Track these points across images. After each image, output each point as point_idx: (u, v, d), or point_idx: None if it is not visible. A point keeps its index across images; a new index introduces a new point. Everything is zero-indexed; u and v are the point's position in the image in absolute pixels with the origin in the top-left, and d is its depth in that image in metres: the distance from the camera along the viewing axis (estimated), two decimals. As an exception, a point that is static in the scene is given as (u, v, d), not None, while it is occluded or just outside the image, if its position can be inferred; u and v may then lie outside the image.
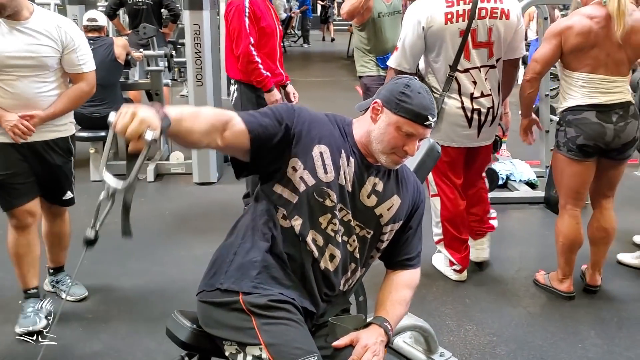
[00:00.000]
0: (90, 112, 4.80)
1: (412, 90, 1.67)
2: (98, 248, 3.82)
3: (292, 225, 1.67)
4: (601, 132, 2.89)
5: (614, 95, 2.90)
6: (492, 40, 3.01)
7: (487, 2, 2.97)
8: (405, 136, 1.67)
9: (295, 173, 1.67)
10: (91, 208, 4.69)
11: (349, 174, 1.72)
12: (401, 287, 1.85)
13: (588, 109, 2.91)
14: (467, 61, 3.02)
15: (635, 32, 2.83)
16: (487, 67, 3.07)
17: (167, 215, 4.35)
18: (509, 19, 3.01)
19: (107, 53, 4.78)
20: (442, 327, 2.91)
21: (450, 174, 3.21)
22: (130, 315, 2.98)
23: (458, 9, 2.96)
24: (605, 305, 3.14)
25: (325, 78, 10.59)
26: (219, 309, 1.67)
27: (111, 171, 5.03)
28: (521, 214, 4.46)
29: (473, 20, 2.95)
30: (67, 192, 2.99)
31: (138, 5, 6.36)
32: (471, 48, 3.00)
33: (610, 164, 3.03)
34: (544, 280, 3.31)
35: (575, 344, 2.81)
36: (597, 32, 2.83)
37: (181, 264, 3.56)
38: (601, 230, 3.14)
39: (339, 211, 1.70)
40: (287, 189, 1.68)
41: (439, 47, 3.03)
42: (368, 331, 1.69)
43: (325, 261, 1.69)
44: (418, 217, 1.89)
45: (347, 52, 13.56)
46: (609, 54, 2.85)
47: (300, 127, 1.69)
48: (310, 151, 1.68)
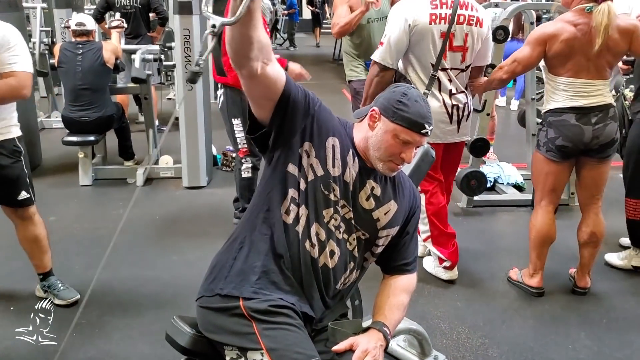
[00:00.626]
0: (79, 116, 4.79)
1: (409, 98, 1.69)
2: (89, 253, 3.83)
3: (296, 216, 1.68)
4: (580, 133, 2.98)
5: (594, 98, 2.97)
6: (467, 45, 3.13)
7: (465, 10, 3.10)
8: (402, 144, 1.70)
9: (308, 159, 1.68)
10: (81, 213, 4.74)
11: (353, 173, 1.74)
12: (399, 292, 1.87)
13: (568, 111, 3.00)
14: (445, 62, 3.14)
15: (616, 39, 2.89)
16: (458, 70, 3.19)
17: (158, 219, 4.34)
18: (482, 27, 3.14)
19: (96, 57, 4.78)
20: (435, 330, 2.94)
21: (432, 170, 3.26)
22: (124, 320, 2.98)
23: (441, 12, 3.07)
24: (595, 307, 3.19)
25: (312, 81, 10.56)
26: (220, 314, 1.68)
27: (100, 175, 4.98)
28: (509, 216, 4.51)
29: (453, 24, 3.06)
30: (21, 192, 2.98)
31: (126, 9, 6.34)
32: (447, 50, 3.11)
33: (592, 163, 3.09)
34: (516, 277, 3.40)
35: (566, 345, 2.85)
36: (579, 39, 2.90)
37: (173, 268, 3.56)
38: (590, 235, 3.20)
39: (341, 207, 1.72)
40: (299, 172, 1.68)
41: (423, 45, 3.12)
42: (367, 336, 1.70)
43: (325, 257, 1.70)
44: (414, 223, 1.91)
45: (333, 55, 13.60)
46: (590, 59, 2.92)
47: (320, 114, 1.70)
48: (325, 141, 1.70)
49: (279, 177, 1.70)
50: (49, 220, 4.23)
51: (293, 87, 1.62)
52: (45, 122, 6.92)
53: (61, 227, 4.15)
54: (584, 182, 3.18)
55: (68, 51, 4.82)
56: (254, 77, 1.51)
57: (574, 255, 3.37)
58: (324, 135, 1.70)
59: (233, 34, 1.40)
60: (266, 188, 1.74)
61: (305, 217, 1.68)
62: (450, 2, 3.08)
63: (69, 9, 6.64)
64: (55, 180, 5.16)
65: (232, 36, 1.41)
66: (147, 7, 6.38)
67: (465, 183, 4.32)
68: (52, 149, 5.79)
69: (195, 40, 4.74)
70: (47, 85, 7.30)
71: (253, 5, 1.32)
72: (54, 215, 4.36)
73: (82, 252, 3.74)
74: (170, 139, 5.39)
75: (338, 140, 1.72)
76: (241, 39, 1.41)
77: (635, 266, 3.54)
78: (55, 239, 3.91)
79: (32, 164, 5.32)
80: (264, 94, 1.59)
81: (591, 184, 3.16)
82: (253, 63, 1.47)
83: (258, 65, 1.48)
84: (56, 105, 7.12)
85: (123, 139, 5.28)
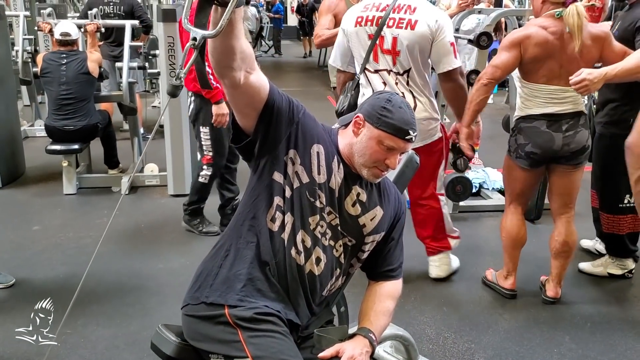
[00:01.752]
0: (62, 125, 4.76)
1: (393, 105, 1.70)
2: (74, 262, 3.80)
3: (282, 224, 1.68)
4: (550, 140, 2.99)
5: (566, 105, 2.98)
6: (397, 49, 3.06)
7: (398, 13, 3.06)
8: (386, 150, 1.71)
9: (292, 166, 1.68)
10: (65, 222, 4.69)
11: (338, 179, 1.74)
12: (384, 298, 1.87)
13: (539, 118, 3.01)
14: (376, 63, 3.14)
15: (588, 45, 2.91)
16: (395, 73, 3.12)
17: (143, 228, 4.32)
18: (414, 29, 3.00)
19: (80, 67, 4.76)
20: (422, 335, 2.95)
21: None
22: (109, 329, 2.96)
23: (369, 14, 3.10)
24: (579, 312, 3.21)
25: (297, 88, 10.62)
26: (205, 322, 1.68)
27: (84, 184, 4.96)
28: (494, 222, 4.52)
29: (382, 27, 3.06)
30: None
31: (109, 17, 6.30)
32: (379, 52, 3.11)
33: (563, 171, 3.10)
34: (491, 277, 3.44)
35: (552, 349, 2.87)
36: (552, 43, 2.91)
37: (158, 277, 3.54)
38: (562, 244, 3.19)
39: (327, 214, 1.72)
40: (285, 179, 1.68)
41: (353, 47, 3.21)
42: (353, 342, 1.71)
43: (311, 264, 1.70)
44: (399, 229, 1.92)
45: (318, 62, 13.63)
46: (562, 65, 2.93)
47: (304, 122, 1.71)
48: (309, 148, 1.70)
49: (264, 185, 1.70)
50: (32, 230, 4.22)
51: (277, 95, 1.63)
52: (28, 131, 6.86)
53: (45, 236, 4.11)
54: (556, 190, 3.17)
55: (52, 61, 4.79)
56: (237, 86, 1.51)
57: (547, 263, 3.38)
58: (309, 143, 1.71)
59: (215, 45, 1.40)
60: (252, 196, 1.74)
61: (291, 224, 1.69)
62: (385, 5, 3.07)
63: (52, 17, 6.59)
64: (39, 189, 5.12)
65: (214, 47, 1.41)
66: (131, 15, 6.34)
67: (451, 188, 4.33)
68: (35, 157, 5.74)
69: (180, 47, 4.73)
70: (31, 93, 7.26)
71: (235, 16, 1.32)
72: (37, 224, 4.33)
73: (66, 262, 3.71)
74: (156, 147, 5.38)
75: (323, 147, 1.73)
76: (223, 50, 1.41)
77: (611, 273, 3.54)
78: (39, 248, 3.90)
79: (15, 172, 5.32)
80: (248, 103, 1.60)
81: (563, 191, 3.16)
82: (236, 73, 1.47)
83: (241, 74, 1.48)
84: (39, 114, 7.07)
85: (109, 147, 5.25)
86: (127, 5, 6.31)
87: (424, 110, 3.16)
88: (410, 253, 3.50)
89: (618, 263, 3.53)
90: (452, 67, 3.07)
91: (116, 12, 6.30)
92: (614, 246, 3.53)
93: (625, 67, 2.82)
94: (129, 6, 6.31)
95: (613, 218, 3.41)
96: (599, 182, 3.47)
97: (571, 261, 3.31)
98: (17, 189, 5.14)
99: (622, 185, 3.29)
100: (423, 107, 3.16)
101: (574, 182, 3.14)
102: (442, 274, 3.49)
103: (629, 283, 3.53)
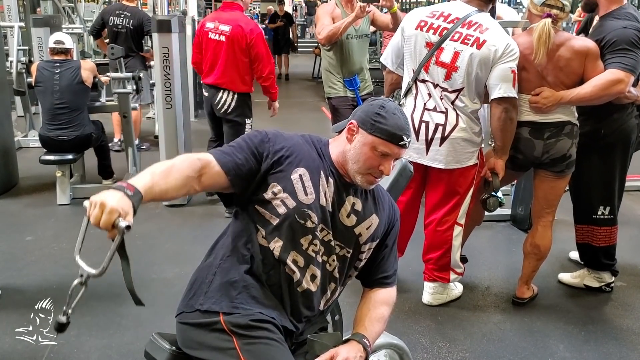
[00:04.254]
0: (56, 135, 4.75)
1: (387, 111, 1.71)
2: (69, 273, 3.77)
3: (271, 247, 1.69)
4: (531, 147, 3.05)
5: (549, 114, 3.00)
6: (456, 65, 2.91)
7: (467, 29, 2.92)
8: (380, 156, 1.71)
9: (276, 197, 1.69)
10: (58, 232, 4.67)
11: (329, 194, 1.74)
12: (379, 305, 1.87)
13: (523, 124, 3.04)
14: (425, 73, 3.01)
15: (566, 59, 2.93)
16: (441, 88, 2.98)
17: (137, 238, 4.30)
18: (479, 49, 2.86)
19: (74, 76, 4.75)
20: (416, 344, 2.94)
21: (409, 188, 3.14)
22: (102, 340, 2.94)
23: (434, 22, 2.97)
24: (573, 320, 3.22)
25: (291, 99, 10.64)
26: (200, 329, 1.67)
27: (78, 194, 4.94)
28: (489, 232, 4.54)
29: (445, 40, 2.93)
30: None
31: (117, 28, 6.34)
32: (432, 63, 2.97)
33: (544, 176, 3.14)
34: None
35: (546, 358, 2.87)
36: (524, 56, 2.92)
37: (152, 287, 3.53)
38: (533, 246, 3.25)
39: (319, 232, 1.73)
40: (267, 212, 1.70)
41: (407, 50, 3.09)
42: (347, 347, 1.71)
43: (307, 281, 1.71)
44: (393, 236, 1.93)
45: (312, 73, 13.65)
46: (542, 76, 2.96)
47: (276, 154, 1.72)
48: (289, 175, 1.71)
49: (251, 218, 1.73)
50: (25, 240, 4.20)
51: (238, 168, 1.67)
52: (22, 142, 6.84)
53: (38, 247, 4.09)
54: (536, 193, 3.23)
55: (46, 70, 4.79)
56: (201, 190, 1.65)
57: (561, 265, 3.39)
58: (288, 172, 1.71)
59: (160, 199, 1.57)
60: (242, 220, 1.76)
61: (280, 247, 1.70)
62: (455, 17, 2.95)
63: (46, 27, 6.61)
64: (33, 200, 5.09)
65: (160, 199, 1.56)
66: (140, 28, 6.37)
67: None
68: (29, 168, 5.72)
69: (175, 57, 4.75)
70: (25, 104, 7.25)
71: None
72: (31, 234, 4.31)
73: (59, 272, 3.69)
74: (150, 158, 5.36)
75: (304, 169, 1.73)
76: (168, 199, 1.62)
77: (587, 285, 3.54)
78: (32, 259, 3.88)
79: (8, 183, 5.30)
80: (218, 189, 1.70)
81: (542, 196, 3.20)
82: (190, 191, 1.61)
83: (195, 187, 1.61)
84: (33, 125, 7.06)
85: (102, 157, 5.24)
86: (137, 20, 6.36)
87: (464, 131, 3.00)
88: (405, 262, 3.53)
89: (595, 275, 3.52)
90: (507, 95, 2.88)
91: (125, 24, 6.33)
92: (588, 258, 3.51)
93: (579, 95, 2.92)
94: (139, 21, 6.37)
95: (587, 228, 3.41)
96: (573, 192, 3.47)
97: (554, 269, 3.34)
98: (11, 199, 5.11)
99: (595, 196, 3.32)
100: (464, 127, 3.00)
101: (554, 189, 3.16)
102: (434, 303, 3.34)
103: (623, 292, 3.54)
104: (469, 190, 3.17)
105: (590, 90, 2.90)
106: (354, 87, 4.50)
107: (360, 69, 4.57)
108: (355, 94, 4.51)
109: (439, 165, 3.07)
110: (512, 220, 4.67)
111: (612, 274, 3.51)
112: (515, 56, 2.89)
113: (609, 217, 3.34)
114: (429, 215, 3.26)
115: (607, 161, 3.27)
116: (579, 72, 2.95)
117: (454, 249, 3.26)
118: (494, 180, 3.10)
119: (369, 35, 4.69)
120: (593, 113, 3.17)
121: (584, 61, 2.93)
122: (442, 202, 3.18)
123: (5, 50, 7.09)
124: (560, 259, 3.92)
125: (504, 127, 2.96)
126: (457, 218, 3.20)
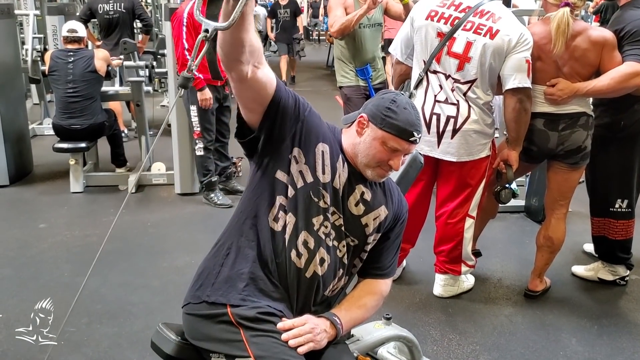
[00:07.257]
0: (69, 123, 4.78)
1: (398, 105, 1.68)
2: (79, 260, 3.81)
3: (284, 224, 1.66)
4: (545, 138, 3.00)
5: (564, 106, 2.95)
6: (469, 55, 2.85)
7: (480, 18, 2.85)
8: (390, 151, 1.69)
9: (296, 165, 1.66)
10: (71, 220, 4.69)
11: (342, 178, 1.72)
12: (365, 294, 1.86)
13: (538, 116, 2.99)
14: (437, 64, 2.94)
15: (583, 49, 2.87)
16: (453, 79, 2.92)
17: (149, 226, 4.32)
18: (493, 38, 2.80)
19: (87, 65, 4.77)
20: (426, 336, 2.93)
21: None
22: (113, 328, 2.96)
23: (445, 12, 2.90)
24: (586, 314, 3.18)
25: (305, 88, 10.61)
26: (207, 321, 1.66)
27: (91, 182, 4.96)
28: (502, 223, 4.50)
29: (457, 29, 2.87)
30: None
31: (109, 15, 6.27)
32: (444, 54, 2.91)
33: (558, 168, 3.10)
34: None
35: (557, 352, 2.84)
36: (539, 46, 2.88)
37: (163, 275, 3.54)
38: (547, 239, 3.21)
39: (331, 214, 1.70)
40: (288, 178, 1.67)
41: (417, 40, 3.02)
42: (316, 319, 1.69)
43: (314, 265, 1.69)
44: (397, 231, 1.90)
45: (326, 62, 13.59)
46: (558, 67, 2.91)
47: (309, 120, 1.69)
48: (314, 147, 1.68)
49: (267, 184, 1.69)
50: (38, 228, 4.23)
51: (283, 92, 1.61)
52: (37, 129, 6.89)
53: (51, 234, 4.12)
54: (550, 185, 3.19)
55: (59, 59, 4.80)
56: (244, 80, 1.50)
57: (575, 258, 3.35)
58: (314, 141, 1.69)
59: (225, 37, 1.40)
60: (254, 194, 1.72)
61: (293, 225, 1.67)
62: (466, 6, 2.88)
63: (61, 15, 6.61)
64: (46, 187, 5.13)
65: (224, 39, 1.40)
66: (132, 12, 6.31)
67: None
68: (43, 155, 5.76)
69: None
70: (40, 92, 7.28)
71: (246, 9, 1.31)
72: (44, 222, 4.34)
73: (71, 259, 3.71)
74: (163, 146, 5.38)
75: (327, 146, 1.71)
76: (233, 42, 1.41)
77: (601, 278, 3.50)
78: (45, 246, 3.91)
79: (23, 171, 5.33)
80: (254, 98, 1.58)
81: (555, 188, 3.16)
82: (243, 66, 1.46)
83: (248, 68, 1.48)
84: (48, 112, 7.09)
85: (115, 146, 5.26)
86: (127, 1, 6.30)
87: (476, 122, 2.96)
88: (417, 254, 3.51)
89: (609, 269, 3.48)
90: (522, 85, 2.82)
91: (116, 9, 6.27)
92: (603, 250, 3.47)
93: (596, 88, 2.88)
94: (129, 2, 6.31)
95: (603, 221, 3.36)
96: (589, 184, 3.42)
97: (568, 262, 3.30)
98: (25, 186, 5.15)
99: (613, 189, 3.27)
100: (476, 119, 2.95)
101: (568, 182, 3.12)
102: (445, 295, 3.31)
103: (638, 286, 3.50)
104: (481, 183, 3.13)
105: (607, 82, 2.85)
106: (366, 76, 4.45)
107: (373, 58, 4.52)
108: (367, 83, 4.47)
109: (451, 158, 3.03)
110: (526, 211, 4.62)
111: (627, 267, 3.46)
112: (529, 45, 2.83)
113: (627, 211, 3.30)
114: (440, 207, 3.23)
115: (626, 153, 3.22)
116: (595, 63, 2.90)
117: (466, 241, 3.22)
118: (507, 172, 3.07)
119: (381, 24, 4.65)
120: (612, 104, 3.12)
121: (600, 52, 2.87)
122: (453, 194, 3.15)
123: (21, 39, 7.14)
124: (574, 252, 3.89)
125: (518, 118, 2.91)
126: (468, 210, 3.16)
